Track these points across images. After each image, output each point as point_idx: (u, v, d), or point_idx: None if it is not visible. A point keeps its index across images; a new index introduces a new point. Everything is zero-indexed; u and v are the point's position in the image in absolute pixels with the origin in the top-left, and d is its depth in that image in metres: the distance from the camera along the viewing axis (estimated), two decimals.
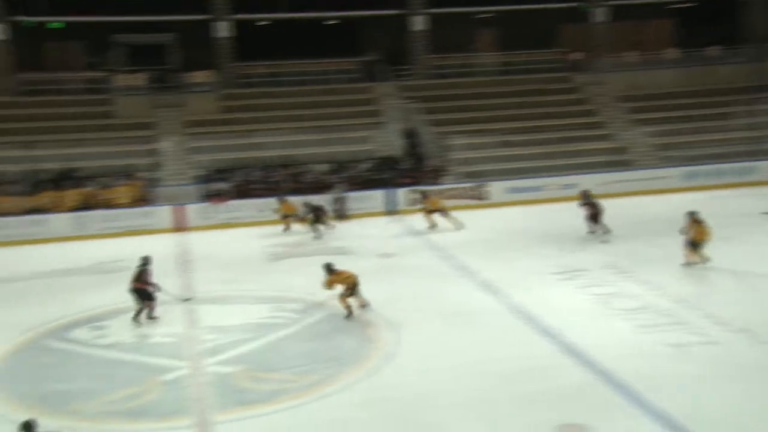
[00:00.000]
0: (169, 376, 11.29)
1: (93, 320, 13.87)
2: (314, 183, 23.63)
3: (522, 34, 29.72)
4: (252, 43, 28.95)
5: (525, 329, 12.68)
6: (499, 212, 22.47)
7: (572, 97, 29.31)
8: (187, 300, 14.47)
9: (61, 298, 15.31)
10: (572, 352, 11.48)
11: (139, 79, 27.16)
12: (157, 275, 16.74)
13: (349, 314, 13.42)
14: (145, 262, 14.06)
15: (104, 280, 16.73)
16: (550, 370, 10.92)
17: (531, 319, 13.06)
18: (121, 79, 27.11)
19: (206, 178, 23.63)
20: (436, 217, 20.36)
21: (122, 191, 22.39)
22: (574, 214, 19.17)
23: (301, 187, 23.42)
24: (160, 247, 19.43)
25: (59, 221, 21.29)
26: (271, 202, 21.45)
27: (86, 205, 21.87)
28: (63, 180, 22.75)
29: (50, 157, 23.64)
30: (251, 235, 20.69)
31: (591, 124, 27.79)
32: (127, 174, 23.28)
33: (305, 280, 16.09)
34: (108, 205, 22.00)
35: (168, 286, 15.40)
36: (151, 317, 13.66)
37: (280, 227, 20.91)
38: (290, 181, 23.72)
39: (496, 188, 23.90)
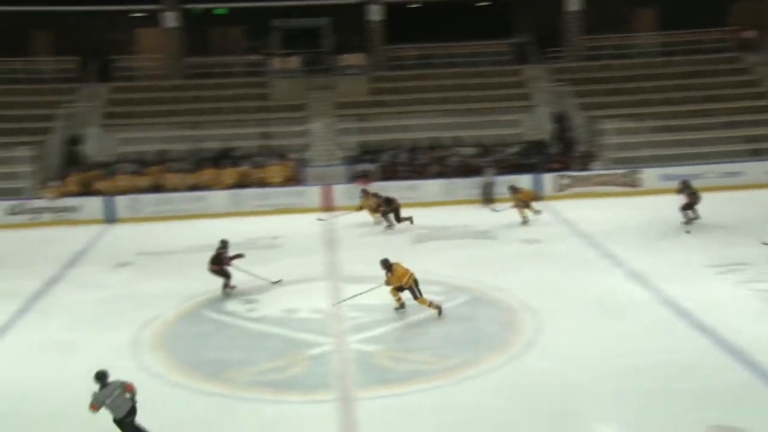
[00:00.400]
0: (314, 351, 11.68)
1: (245, 294, 14.53)
2: (460, 166, 23.55)
3: (687, 11, 28.00)
4: (403, 26, 29.14)
5: (677, 323, 12.07)
6: (651, 200, 21.44)
7: (741, 78, 27.34)
8: (276, 282, 14.83)
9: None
10: (731, 350, 10.81)
11: (294, 62, 28.08)
12: (305, 253, 17.47)
13: (402, 306, 12.98)
14: (223, 245, 14.69)
15: (256, 256, 17.41)
16: (704, 368, 10.35)
17: (684, 312, 12.41)
18: (277, 62, 28.15)
19: (354, 159, 24.15)
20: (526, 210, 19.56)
21: (275, 171, 23.30)
22: (735, 203, 18.03)
23: (446, 170, 23.44)
24: (308, 226, 20.16)
25: (217, 198, 22.48)
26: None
27: (242, 183, 22.97)
28: (222, 158, 24.00)
29: (212, 137, 25.02)
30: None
31: (762, 108, 25.81)
32: (280, 154, 24.21)
33: (447, 263, 16.17)
34: (262, 183, 22.99)
35: (312, 264, 15.99)
36: (227, 294, 14.41)
37: (416, 211, 20.94)
38: (436, 164, 23.78)
39: (650, 175, 22.80)
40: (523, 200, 19.54)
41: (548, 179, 22.93)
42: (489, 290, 14.23)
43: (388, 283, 12.93)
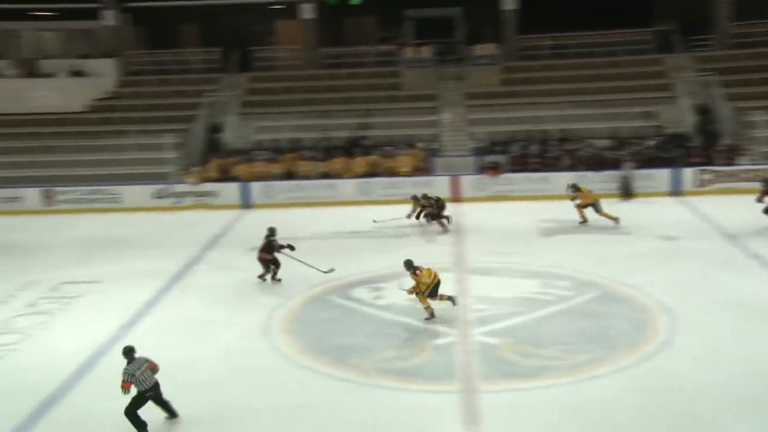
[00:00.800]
0: (439, 342, 11.69)
1: (372, 281, 14.75)
2: (592, 158, 22.83)
3: None
4: (537, 15, 28.45)
5: None
6: None
7: None
8: (328, 272, 14.77)
9: (345, 258, 16.49)
10: None
11: (426, 52, 28.10)
12: (431, 243, 17.48)
13: (431, 316, 12.41)
14: (271, 233, 14.89)
15: (384, 245, 17.73)
16: None
17: None
18: (410, 52, 28.27)
19: (483, 150, 23.92)
20: (589, 212, 18.39)
21: (404, 160, 23.44)
22: None
23: (578, 163, 22.77)
24: None
25: (347, 186, 22.90)
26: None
27: (371, 172, 23.28)
28: (353, 147, 24.41)
29: (343, 126, 25.51)
30: (524, 209, 20.59)
31: None
32: (409, 144, 24.34)
33: (577, 257, 15.74)
34: (390, 172, 23.20)
35: (438, 255, 15.99)
36: (275, 279, 14.87)
37: (545, 204, 20.57)
38: (567, 156, 23.16)
39: None
40: (586, 202, 18.45)
41: (688, 174, 21.82)
42: (621, 287, 13.73)
43: (412, 289, 12.44)
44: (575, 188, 18.61)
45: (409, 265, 12.55)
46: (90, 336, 12.44)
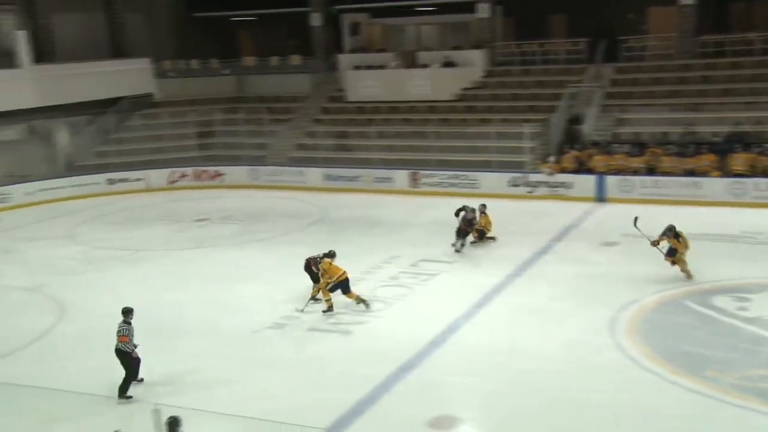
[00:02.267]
0: None
1: (737, 290, 13.40)
2: None
3: None
4: None
5: None
6: None
7: None
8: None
9: (706, 262, 15.15)
10: None
11: None
12: None
13: (329, 309, 13.21)
14: (330, 255, 13.90)
15: (752, 252, 15.98)
16: None
17: None
18: None
19: None
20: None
21: None
22: None
23: None
24: None
25: (715, 185, 20.97)
26: None
27: (746, 172, 21.01)
28: (728, 143, 22.25)
29: (715, 120, 23.38)
30: None
31: None
32: None
33: None
34: None
35: None
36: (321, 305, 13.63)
37: None
38: None
39: None
40: (680, 251, 14.16)
41: None
42: None
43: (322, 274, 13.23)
44: (674, 234, 14.25)
45: (330, 255, 13.44)
46: (442, 312, 13.18)
